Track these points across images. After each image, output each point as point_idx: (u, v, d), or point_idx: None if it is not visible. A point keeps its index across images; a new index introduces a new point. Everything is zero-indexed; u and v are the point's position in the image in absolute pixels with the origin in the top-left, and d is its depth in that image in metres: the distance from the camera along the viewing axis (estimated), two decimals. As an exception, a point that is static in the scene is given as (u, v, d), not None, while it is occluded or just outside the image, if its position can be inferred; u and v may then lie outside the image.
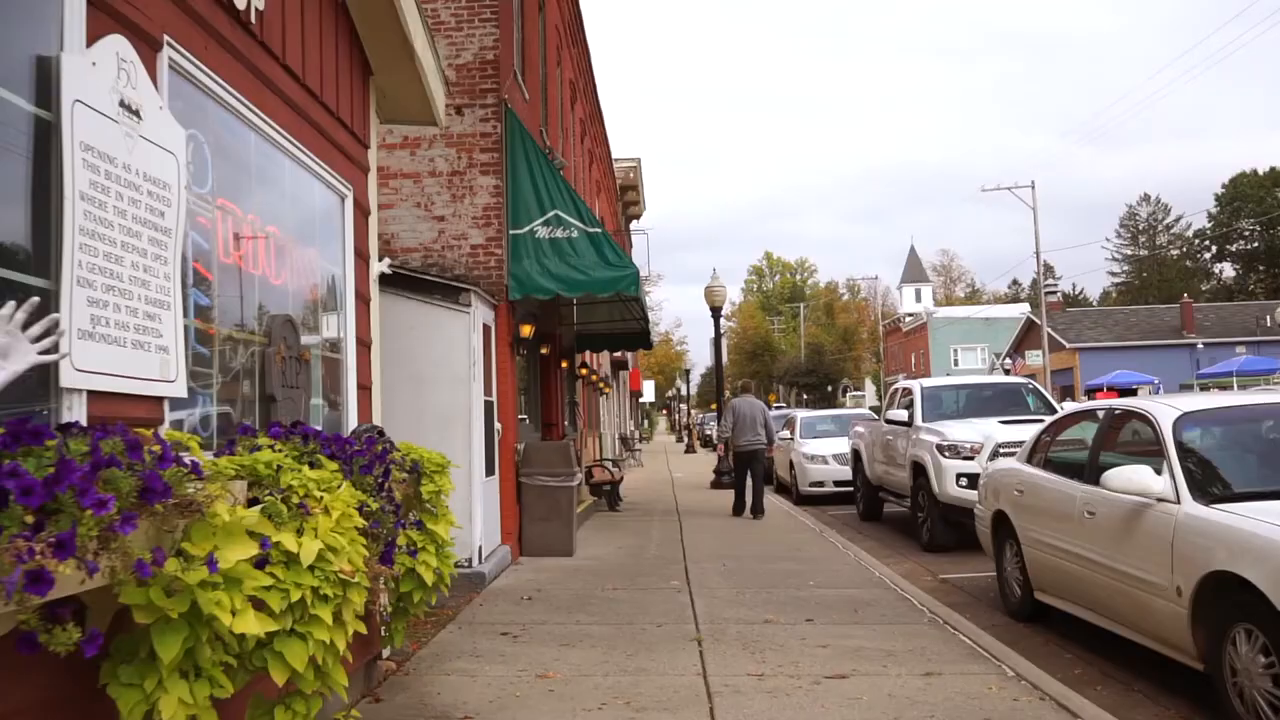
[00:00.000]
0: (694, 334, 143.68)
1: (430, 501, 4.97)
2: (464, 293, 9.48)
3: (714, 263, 50.48)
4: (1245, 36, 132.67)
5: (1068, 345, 56.18)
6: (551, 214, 10.77)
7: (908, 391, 13.75)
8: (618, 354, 34.02)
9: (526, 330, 10.85)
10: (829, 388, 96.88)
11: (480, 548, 9.40)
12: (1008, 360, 60.35)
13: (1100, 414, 7.01)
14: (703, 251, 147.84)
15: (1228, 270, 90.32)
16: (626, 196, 38.37)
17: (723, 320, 22.86)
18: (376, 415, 5.94)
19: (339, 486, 3.40)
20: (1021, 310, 79.92)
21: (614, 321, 16.26)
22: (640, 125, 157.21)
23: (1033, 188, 49.31)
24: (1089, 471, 6.60)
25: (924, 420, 12.68)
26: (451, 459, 9.31)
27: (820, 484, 18.06)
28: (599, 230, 10.74)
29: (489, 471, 9.96)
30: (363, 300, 5.59)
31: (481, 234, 10.68)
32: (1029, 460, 7.88)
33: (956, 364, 74.55)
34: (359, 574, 3.25)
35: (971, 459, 11.19)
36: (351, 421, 5.21)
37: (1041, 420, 12.07)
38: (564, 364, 15.58)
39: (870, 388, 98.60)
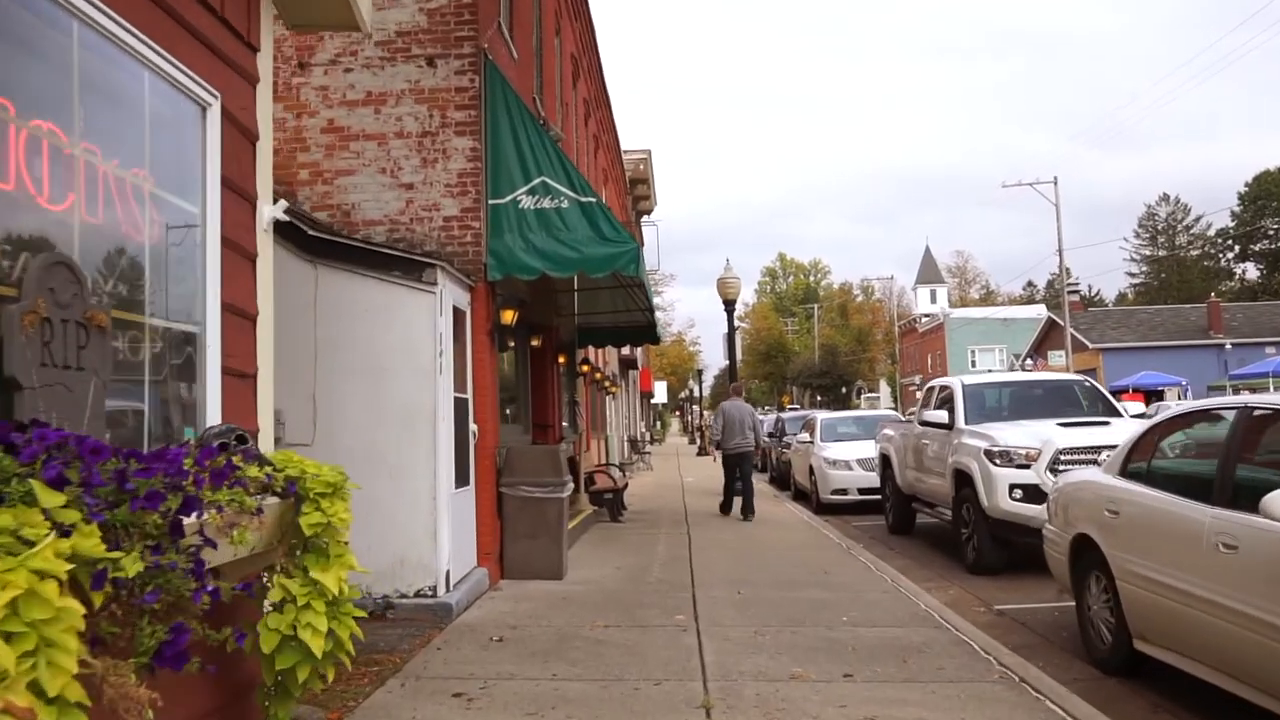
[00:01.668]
0: (707, 335, 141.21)
1: (320, 537, 3.44)
2: (428, 268, 7.95)
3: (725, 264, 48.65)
4: (1257, 39, 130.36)
5: (1090, 345, 54.40)
6: (538, 181, 9.24)
7: (946, 389, 12.16)
8: (626, 352, 32.47)
9: (508, 316, 9.33)
10: (843, 389, 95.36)
11: (447, 573, 7.87)
12: (1028, 361, 58.68)
13: (1229, 415, 5.42)
14: (713, 253, 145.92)
15: (1251, 270, 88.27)
16: (637, 190, 36.81)
17: (736, 322, 21.25)
18: (264, 415, 4.41)
19: (45, 538, 1.86)
20: (1039, 311, 78.22)
21: (618, 312, 14.70)
22: (648, 128, 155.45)
23: (1055, 184, 47.66)
24: (1221, 490, 5.02)
25: (967, 422, 11.09)
26: (414, 466, 7.82)
27: (843, 492, 16.49)
28: (593, 200, 9.20)
29: (461, 481, 8.43)
30: (239, 254, 4.07)
31: (456, 204, 9.16)
32: (1123, 472, 6.30)
33: (974, 365, 72.96)
34: (56, 708, 1.71)
35: (1027, 467, 9.62)
36: (212, 421, 3.70)
37: (1106, 423, 10.53)
38: (561, 359, 14.05)
39: (885, 389, 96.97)
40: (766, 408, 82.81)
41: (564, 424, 14.96)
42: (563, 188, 9.21)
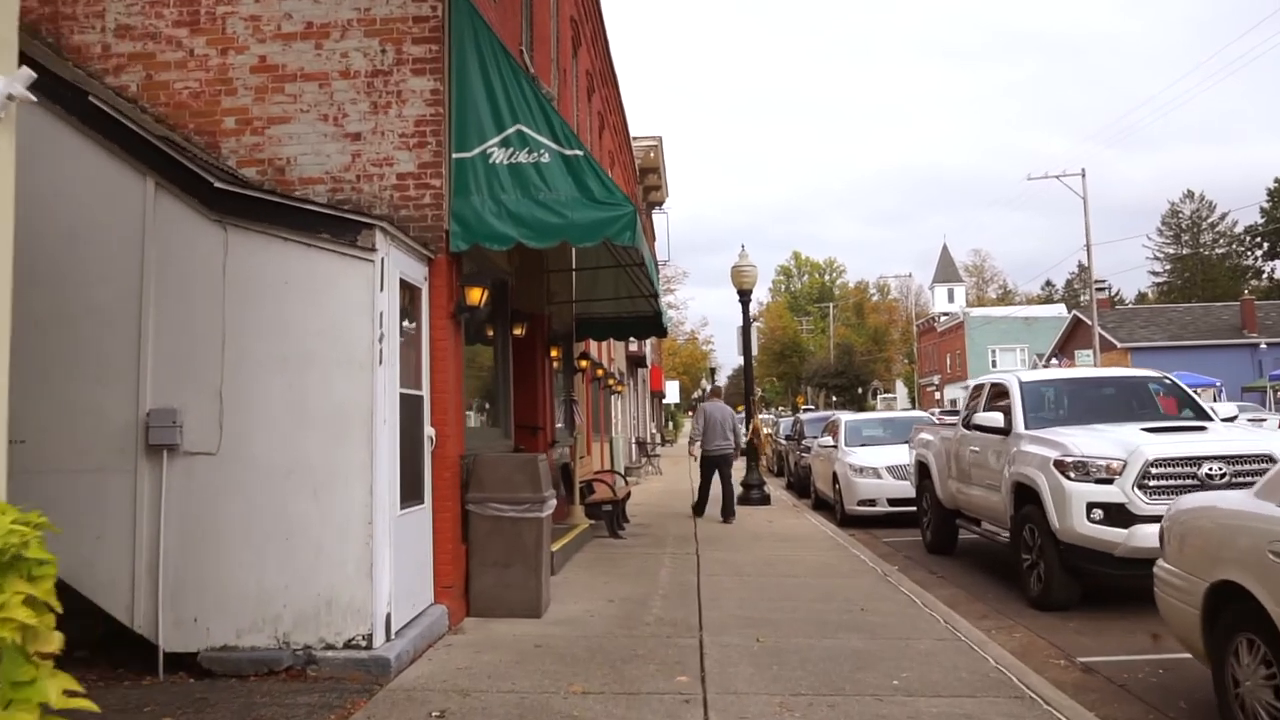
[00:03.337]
0: (721, 335, 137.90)
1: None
2: (364, 230, 6.27)
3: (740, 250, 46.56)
4: (1270, 41, 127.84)
5: (1119, 345, 52.53)
6: (512, 130, 7.58)
7: (999, 387, 10.42)
8: (634, 348, 30.77)
9: (476, 295, 7.63)
10: (859, 389, 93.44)
11: (387, 617, 6.18)
12: (1053, 360, 56.77)
13: None
14: (726, 254, 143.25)
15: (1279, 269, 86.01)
16: (647, 180, 35.07)
17: (749, 322, 19.43)
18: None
19: None
20: (1061, 310, 76.13)
21: (620, 299, 13.02)
22: (659, 126, 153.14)
23: (1083, 176, 45.72)
24: None
25: (1028, 426, 9.34)
26: (346, 480, 6.09)
27: (871, 503, 14.77)
28: (580, 153, 7.52)
29: (412, 498, 6.76)
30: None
31: (412, 158, 7.51)
32: (1293, 499, 4.58)
33: (995, 365, 71.23)
34: None
35: (1109, 481, 7.87)
36: None
37: (1201, 428, 8.79)
38: (554, 352, 12.37)
39: (902, 389, 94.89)
40: (781, 409, 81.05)
41: (559, 426, 13.29)
42: (543, 138, 7.53)
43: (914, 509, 13.10)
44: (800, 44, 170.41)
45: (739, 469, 20.41)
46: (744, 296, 18.39)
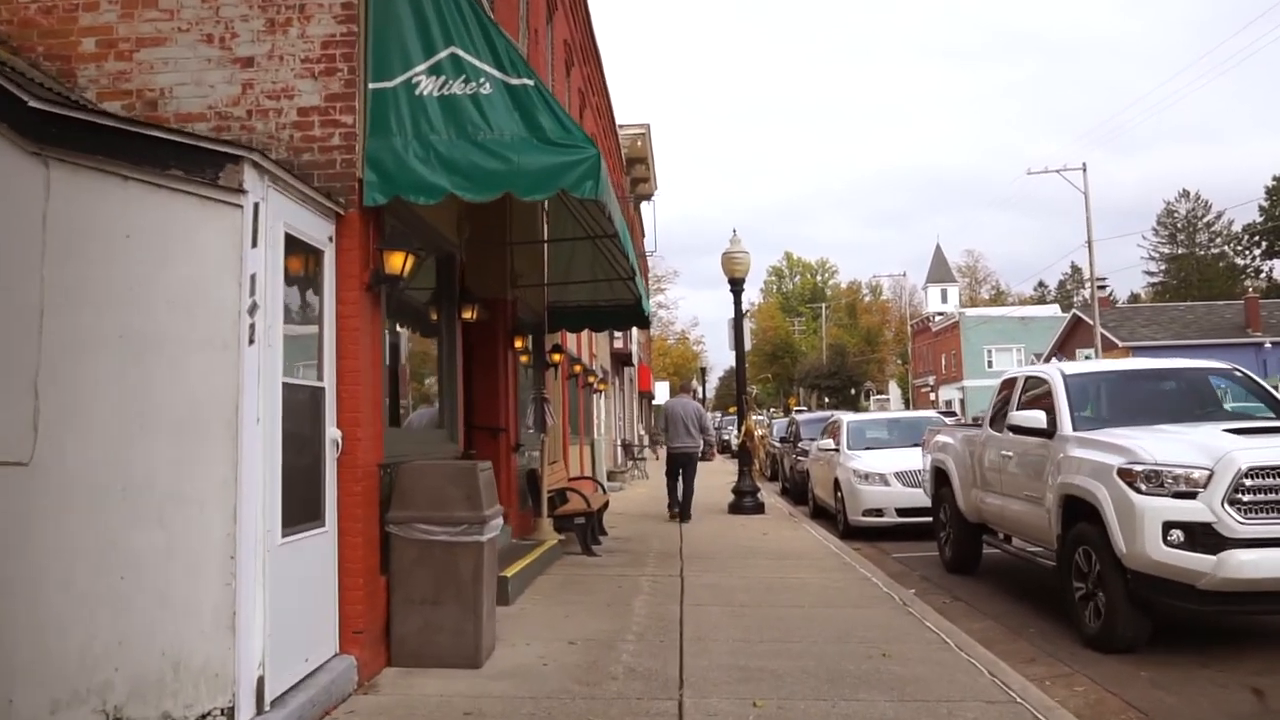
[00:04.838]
0: (712, 337, 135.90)
1: None
2: (229, 162, 4.69)
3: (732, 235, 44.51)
4: (1260, 41, 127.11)
5: (1120, 344, 51.13)
6: (445, 54, 6.03)
7: (1038, 381, 8.87)
8: (619, 345, 29.17)
9: (397, 262, 6.05)
10: (852, 390, 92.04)
11: (259, 680, 4.60)
12: (1054, 359, 55.44)
13: None
14: (717, 256, 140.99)
15: (1278, 268, 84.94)
16: (634, 171, 33.52)
17: (742, 314, 17.88)
18: None
19: None
20: (1056, 310, 74.83)
21: (597, 283, 11.43)
22: (654, 124, 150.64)
23: (1084, 170, 44.36)
24: None
25: (1076, 427, 7.80)
26: (202, 500, 4.26)
27: (878, 512, 13.24)
28: (530, 82, 5.95)
29: (302, 520, 5.18)
30: None
31: (318, 88, 5.94)
32: None
33: (991, 365, 70.13)
34: None
35: (1191, 496, 6.32)
36: None
37: (1296, 427, 7.26)
38: (519, 343, 10.78)
39: (895, 391, 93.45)
40: (773, 410, 79.58)
41: (528, 429, 11.71)
42: (484, 65, 5.98)
43: (926, 519, 11.60)
44: (799, 45, 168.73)
45: (729, 471, 18.88)
46: (736, 285, 16.86)
